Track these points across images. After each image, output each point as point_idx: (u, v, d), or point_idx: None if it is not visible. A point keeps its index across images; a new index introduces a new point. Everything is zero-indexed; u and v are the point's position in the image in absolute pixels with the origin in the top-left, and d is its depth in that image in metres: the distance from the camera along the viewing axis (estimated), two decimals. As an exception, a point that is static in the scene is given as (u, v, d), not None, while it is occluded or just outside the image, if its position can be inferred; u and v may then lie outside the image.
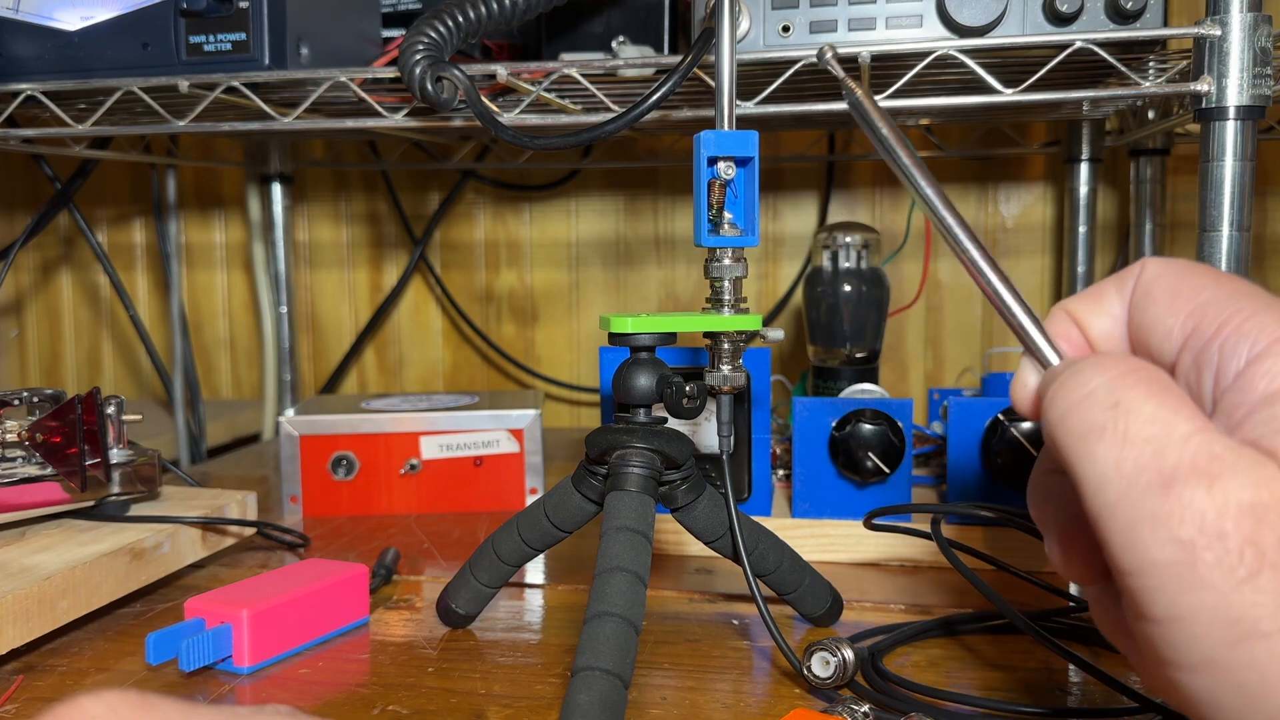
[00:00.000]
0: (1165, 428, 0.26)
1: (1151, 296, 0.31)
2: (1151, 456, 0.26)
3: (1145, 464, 0.26)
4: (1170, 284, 0.30)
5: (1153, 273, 0.31)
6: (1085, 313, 0.33)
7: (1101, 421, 0.27)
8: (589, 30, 0.76)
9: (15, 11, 0.68)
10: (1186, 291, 0.30)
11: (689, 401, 0.50)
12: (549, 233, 1.18)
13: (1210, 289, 0.30)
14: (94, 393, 0.58)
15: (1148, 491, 0.25)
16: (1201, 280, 0.30)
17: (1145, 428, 0.26)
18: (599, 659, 0.40)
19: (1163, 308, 0.30)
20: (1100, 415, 0.27)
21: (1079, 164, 1.00)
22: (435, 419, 0.80)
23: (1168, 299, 0.30)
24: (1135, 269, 0.32)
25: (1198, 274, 0.30)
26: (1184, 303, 0.30)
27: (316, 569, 0.56)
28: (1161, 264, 0.31)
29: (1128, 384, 0.27)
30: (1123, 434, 0.26)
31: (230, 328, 1.25)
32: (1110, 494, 0.26)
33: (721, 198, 0.51)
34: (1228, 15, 0.55)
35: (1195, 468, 0.25)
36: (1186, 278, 0.30)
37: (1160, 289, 0.31)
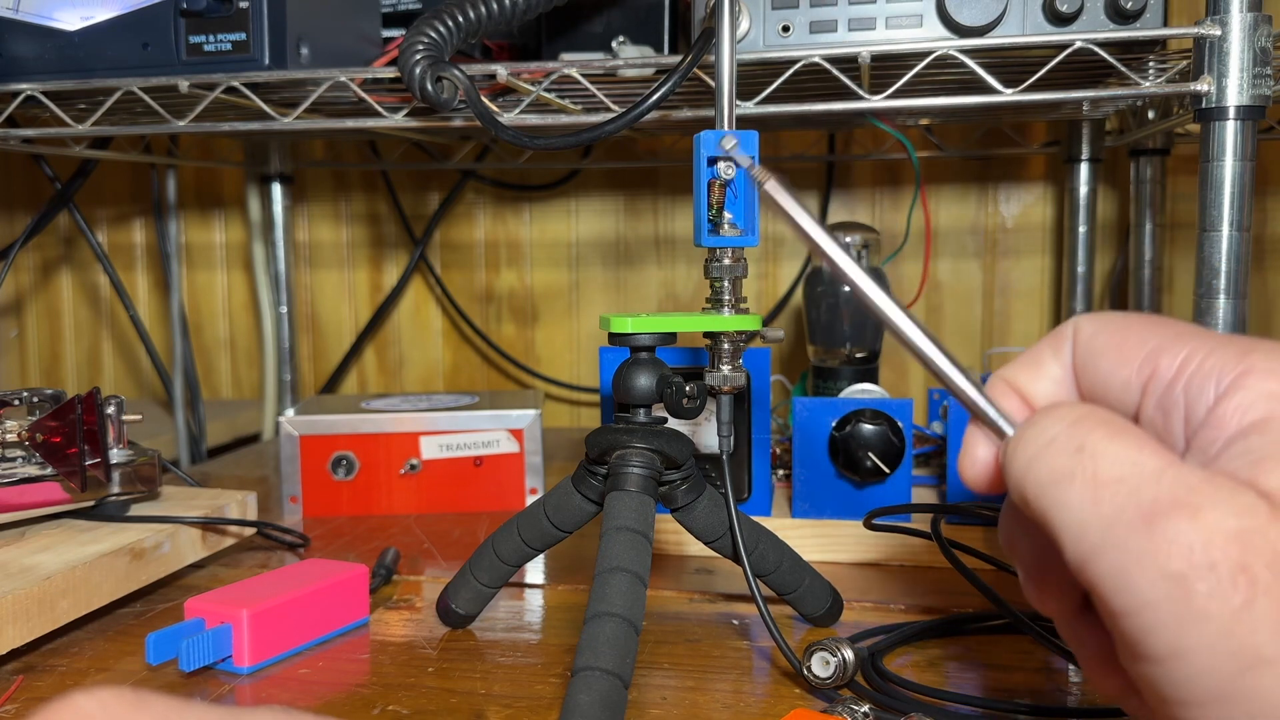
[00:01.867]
0: (1135, 466, 0.26)
1: (1097, 353, 0.30)
2: (1128, 495, 0.25)
3: (1122, 503, 0.25)
4: (1113, 337, 0.30)
5: (1089, 330, 0.31)
6: (1025, 380, 0.32)
7: (1069, 467, 0.27)
8: (589, 30, 0.76)
9: (15, 11, 0.68)
10: (1133, 341, 0.30)
11: (689, 401, 0.50)
12: (549, 233, 1.18)
13: (1156, 334, 0.29)
14: (94, 393, 0.58)
15: (1130, 530, 0.25)
16: (1145, 328, 0.30)
17: (1114, 468, 0.26)
18: (599, 659, 0.40)
19: (1113, 361, 0.30)
20: (1066, 461, 0.27)
21: (1079, 164, 1.00)
22: (435, 419, 0.80)
23: (1116, 352, 0.30)
24: (1067, 331, 0.31)
25: (1139, 323, 0.30)
26: (1134, 351, 0.29)
27: (316, 569, 0.56)
28: (1095, 320, 0.31)
29: (1087, 427, 0.27)
30: (1092, 477, 0.26)
31: (230, 328, 1.25)
32: (1091, 538, 0.26)
33: (721, 198, 0.51)
34: (1228, 15, 0.55)
35: (1175, 500, 0.25)
36: (1129, 329, 0.30)
37: (1104, 344, 0.30)
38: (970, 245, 1.10)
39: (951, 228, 1.10)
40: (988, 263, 1.10)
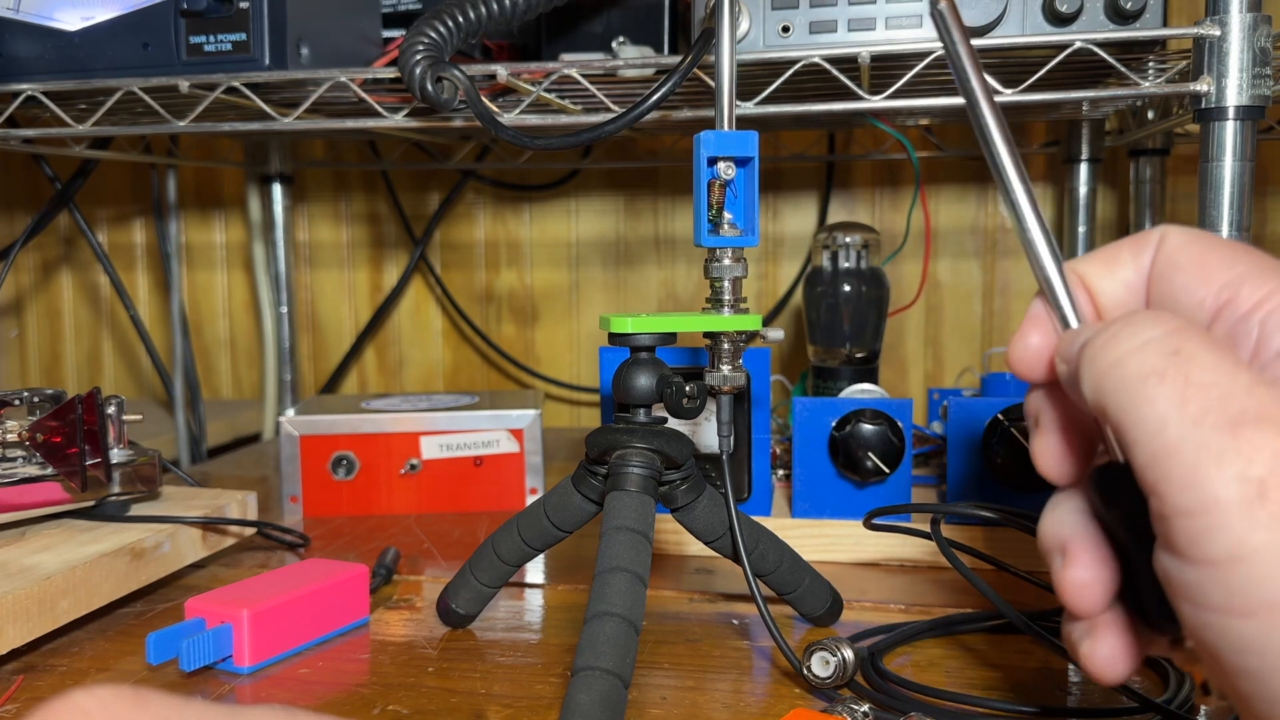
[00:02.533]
0: (1229, 376, 0.26)
1: (1179, 266, 0.30)
2: (1217, 399, 0.26)
3: (1211, 406, 0.26)
4: (1197, 255, 0.30)
5: (1176, 242, 0.31)
6: (1096, 276, 0.32)
7: (1161, 367, 0.27)
8: (589, 30, 0.76)
9: (16, 11, 0.68)
10: (1216, 263, 0.30)
11: (689, 401, 0.50)
12: (549, 233, 1.18)
13: (1243, 262, 0.30)
14: (94, 393, 0.59)
15: (1214, 431, 0.25)
16: (1231, 253, 0.30)
17: (1208, 374, 0.26)
18: (599, 659, 0.40)
19: (1192, 278, 0.30)
20: (1160, 361, 0.27)
21: (1079, 164, 1.00)
22: (435, 419, 0.80)
23: (1197, 270, 0.30)
24: (1154, 237, 0.31)
25: (1225, 246, 0.30)
26: (1216, 274, 0.30)
27: (316, 569, 0.56)
28: (1184, 234, 0.31)
29: (1186, 336, 0.27)
30: (1185, 378, 0.26)
31: (230, 328, 1.25)
32: (1171, 434, 0.26)
33: (721, 198, 0.51)
34: (1227, 15, 0.55)
35: (1263, 414, 0.25)
36: (1214, 249, 0.30)
37: (1187, 259, 0.30)
38: (970, 245, 1.10)
39: (951, 228, 1.10)
40: (988, 263, 1.10)
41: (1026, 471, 0.63)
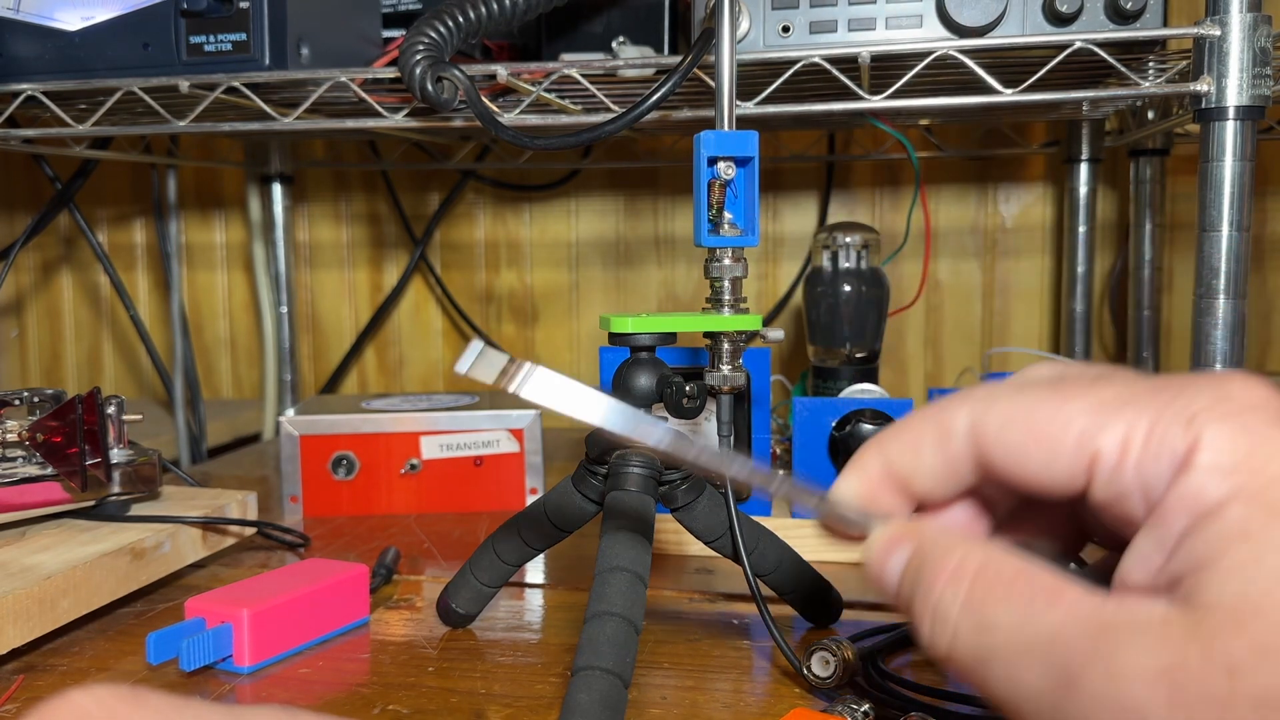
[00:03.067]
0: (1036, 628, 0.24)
1: (1017, 449, 0.26)
2: (1043, 664, 0.23)
3: (1041, 673, 0.23)
4: (1028, 428, 0.26)
5: (996, 425, 0.27)
6: (903, 463, 0.28)
7: (985, 650, 0.25)
8: (589, 30, 0.76)
9: (16, 11, 0.68)
10: (1055, 426, 0.26)
11: (689, 401, 0.50)
12: (549, 233, 1.18)
13: (1080, 409, 0.25)
14: (94, 393, 0.59)
15: (1061, 700, 0.23)
16: (1059, 405, 0.26)
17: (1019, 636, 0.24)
18: (599, 659, 0.40)
19: (1042, 457, 0.26)
20: (975, 643, 0.25)
21: (1079, 164, 1.00)
22: (435, 419, 0.80)
23: (1039, 445, 0.26)
24: (956, 425, 0.27)
25: (1048, 400, 0.26)
26: (1061, 438, 0.25)
27: (317, 569, 0.56)
28: (992, 408, 0.27)
29: (981, 594, 0.25)
30: (1006, 652, 0.24)
31: (230, 328, 1.25)
32: (1034, 712, 0.24)
33: (721, 198, 0.51)
34: (1227, 15, 0.55)
35: (1087, 654, 0.23)
36: (1039, 411, 0.26)
37: (1021, 439, 0.26)
38: (970, 245, 1.10)
39: (951, 228, 1.10)
40: (987, 263, 1.10)
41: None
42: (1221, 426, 0.24)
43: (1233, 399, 0.24)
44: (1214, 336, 0.57)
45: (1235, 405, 0.24)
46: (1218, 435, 0.23)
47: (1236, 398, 0.24)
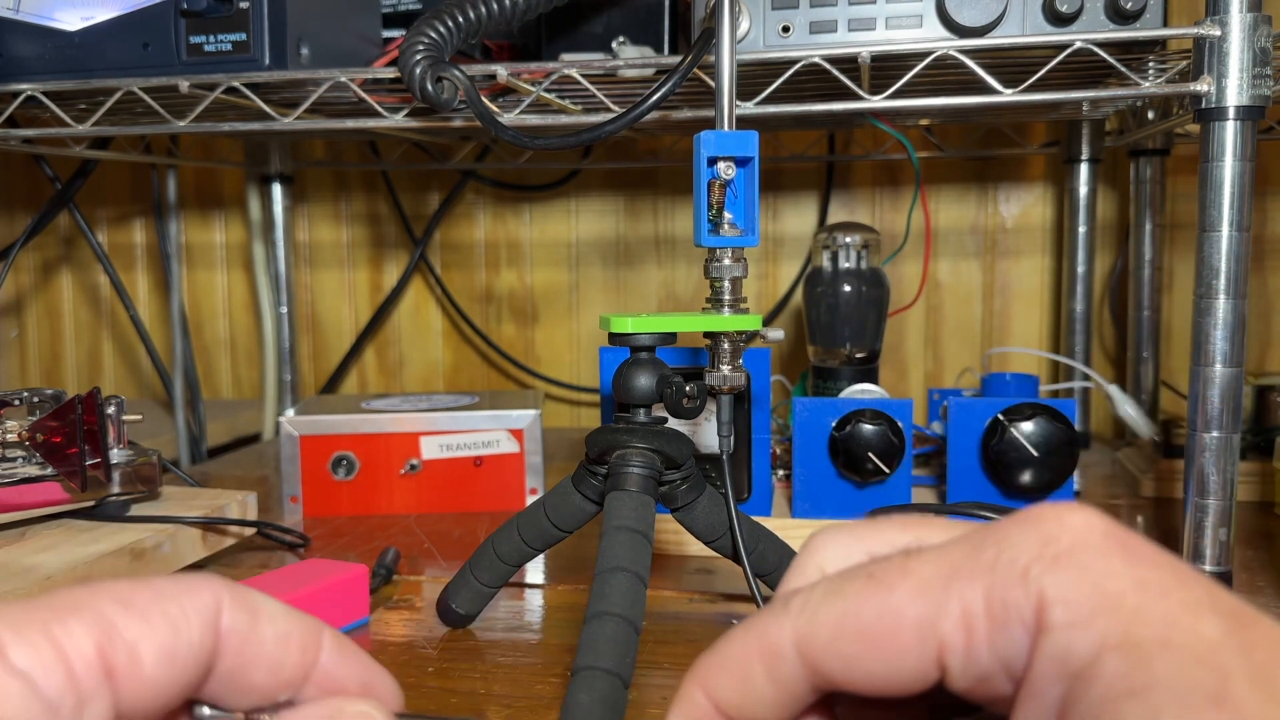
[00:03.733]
0: None
1: (856, 659, 0.24)
2: None
3: None
4: (860, 636, 0.24)
5: (824, 638, 0.24)
6: (732, 700, 0.25)
7: None
8: (589, 30, 0.76)
9: (16, 12, 0.68)
10: (886, 622, 0.23)
11: (689, 401, 0.50)
12: (549, 233, 1.18)
13: (909, 597, 0.23)
14: (94, 393, 0.58)
15: None
16: (881, 599, 0.23)
17: None
18: (599, 659, 0.40)
19: (885, 660, 0.23)
20: None
21: (1079, 164, 1.00)
22: (435, 419, 0.80)
23: (877, 648, 0.23)
24: (782, 647, 0.24)
25: (868, 596, 0.24)
26: (901, 635, 0.23)
27: (316, 569, 0.56)
28: (816, 620, 0.24)
29: None
30: None
31: (230, 328, 1.25)
32: None
33: (721, 198, 0.51)
34: (1227, 15, 0.55)
35: None
36: (852, 611, 0.24)
37: (856, 648, 0.24)
38: (970, 245, 1.10)
39: (951, 228, 1.10)
40: (988, 263, 1.10)
41: (1026, 471, 0.63)
42: (1059, 575, 0.22)
43: (1056, 539, 0.23)
44: (1214, 336, 0.56)
45: (1062, 546, 0.22)
46: (1059, 586, 0.22)
47: (1059, 537, 0.23)
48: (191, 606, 0.24)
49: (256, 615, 0.25)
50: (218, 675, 0.24)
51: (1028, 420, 0.63)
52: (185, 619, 0.23)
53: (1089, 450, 1.00)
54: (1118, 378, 1.08)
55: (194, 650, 0.23)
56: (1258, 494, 0.80)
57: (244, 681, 0.25)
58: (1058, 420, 0.63)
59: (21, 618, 0.22)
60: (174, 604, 0.23)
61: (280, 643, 0.25)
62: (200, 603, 0.24)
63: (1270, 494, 0.79)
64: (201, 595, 0.24)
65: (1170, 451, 0.83)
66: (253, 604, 0.25)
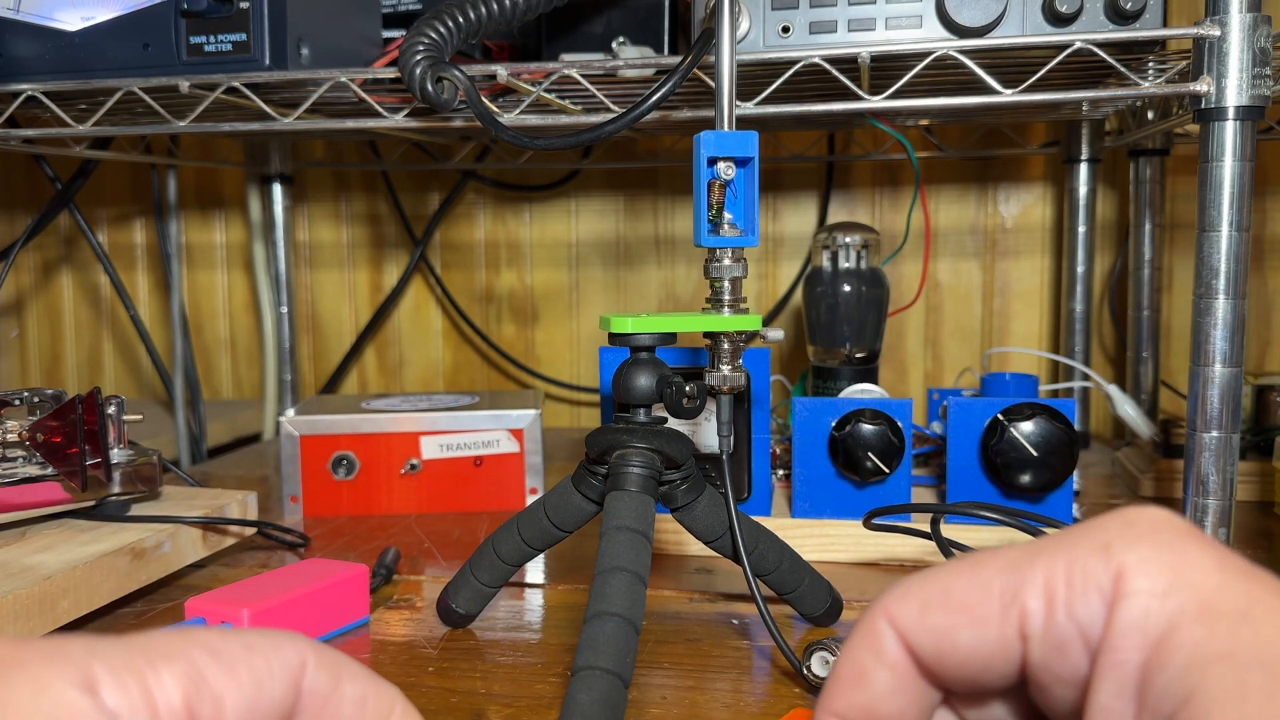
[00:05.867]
0: None
1: (944, 630, 0.25)
2: None
3: None
4: (949, 608, 0.25)
5: (911, 614, 0.25)
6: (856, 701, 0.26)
7: None
8: (589, 31, 0.76)
9: (16, 12, 0.68)
10: (974, 597, 0.25)
11: (689, 401, 0.50)
12: (549, 233, 1.18)
13: (995, 575, 0.25)
14: (94, 393, 0.59)
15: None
16: (973, 577, 0.25)
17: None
18: (599, 658, 0.40)
19: (970, 630, 0.25)
20: None
21: (1078, 164, 1.00)
22: (435, 419, 0.80)
23: (964, 618, 0.25)
24: (879, 627, 0.26)
25: (960, 575, 0.25)
26: (984, 606, 0.24)
27: (317, 569, 0.56)
28: (908, 600, 0.26)
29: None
30: None
31: (231, 328, 1.25)
32: None
33: (721, 198, 0.51)
34: (1227, 15, 0.55)
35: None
36: (954, 589, 0.25)
37: (944, 620, 0.25)
38: (970, 245, 1.10)
39: (951, 228, 1.10)
40: (987, 263, 1.10)
41: (1026, 471, 0.63)
42: (1139, 549, 0.23)
43: (1137, 524, 0.24)
44: (1214, 336, 0.57)
45: (1143, 529, 0.24)
46: (1140, 559, 0.23)
47: (1140, 522, 0.24)
48: (278, 663, 0.24)
49: (339, 677, 0.25)
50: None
51: (1027, 420, 0.63)
52: (270, 675, 0.24)
53: (1089, 450, 1.00)
54: (1117, 378, 1.08)
55: (275, 706, 0.24)
56: (1257, 494, 0.80)
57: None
58: (1057, 420, 0.63)
59: (117, 659, 0.22)
60: (261, 659, 0.24)
61: (357, 705, 0.25)
62: (286, 660, 0.24)
63: (1270, 494, 0.79)
64: (288, 653, 0.24)
65: (1170, 451, 0.83)
66: (336, 665, 0.25)
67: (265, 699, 0.23)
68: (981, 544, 0.63)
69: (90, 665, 0.21)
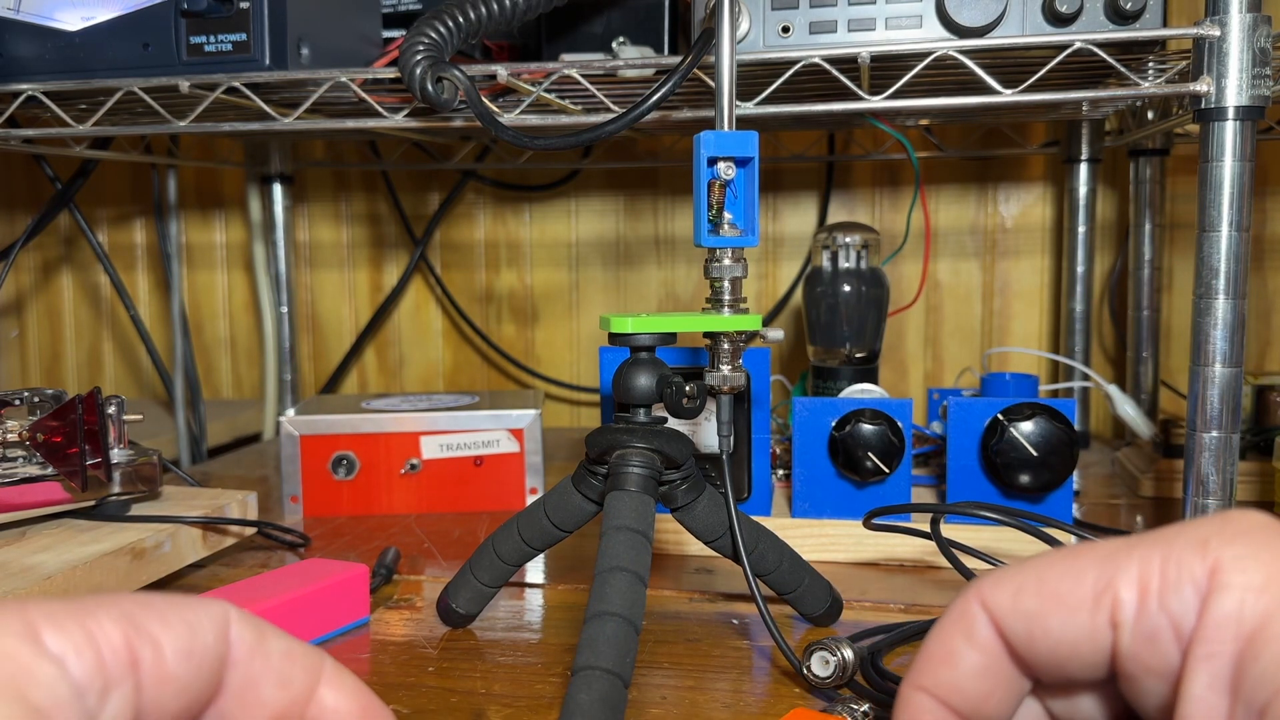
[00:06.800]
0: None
1: (1036, 615, 0.26)
2: None
3: None
4: (1043, 593, 0.26)
5: (1006, 598, 0.26)
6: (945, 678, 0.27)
7: None
8: (589, 31, 0.76)
9: (16, 12, 0.68)
10: (1067, 584, 0.25)
11: (689, 401, 0.50)
12: (549, 233, 1.18)
13: (1089, 565, 0.25)
14: (95, 392, 0.59)
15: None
16: (1066, 566, 0.25)
17: None
18: (599, 658, 0.40)
19: (1062, 615, 0.25)
20: None
21: (1078, 164, 1.00)
22: (435, 419, 0.80)
23: (1057, 604, 0.25)
24: (972, 610, 0.27)
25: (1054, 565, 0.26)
26: (1077, 594, 0.25)
27: (317, 569, 0.56)
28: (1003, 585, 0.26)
29: None
30: None
31: (231, 328, 1.25)
32: None
33: (721, 198, 0.51)
34: (1227, 15, 0.55)
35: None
36: (1048, 576, 0.26)
37: (1037, 605, 0.26)
38: (970, 245, 1.10)
39: (951, 228, 1.10)
40: (987, 263, 1.10)
41: (1026, 471, 0.63)
42: (1236, 546, 0.24)
43: (1235, 523, 0.24)
44: (1213, 336, 0.57)
45: (1240, 527, 0.24)
46: (1237, 555, 0.23)
47: (1238, 521, 0.24)
48: (205, 614, 0.25)
49: (262, 632, 0.26)
50: (229, 689, 0.25)
51: (1027, 420, 0.63)
52: (200, 623, 0.24)
53: (1089, 450, 1.00)
54: (1117, 378, 1.08)
55: (209, 652, 0.24)
56: (1257, 494, 0.80)
57: (255, 696, 0.25)
58: (1057, 420, 0.63)
59: (55, 609, 0.23)
60: (188, 610, 0.25)
61: (286, 658, 0.26)
62: (212, 612, 0.25)
63: (1270, 494, 0.79)
64: (211, 607, 0.25)
65: (1170, 451, 0.83)
66: (257, 622, 0.26)
67: (199, 644, 0.24)
68: (982, 544, 0.63)
69: (29, 615, 0.22)
